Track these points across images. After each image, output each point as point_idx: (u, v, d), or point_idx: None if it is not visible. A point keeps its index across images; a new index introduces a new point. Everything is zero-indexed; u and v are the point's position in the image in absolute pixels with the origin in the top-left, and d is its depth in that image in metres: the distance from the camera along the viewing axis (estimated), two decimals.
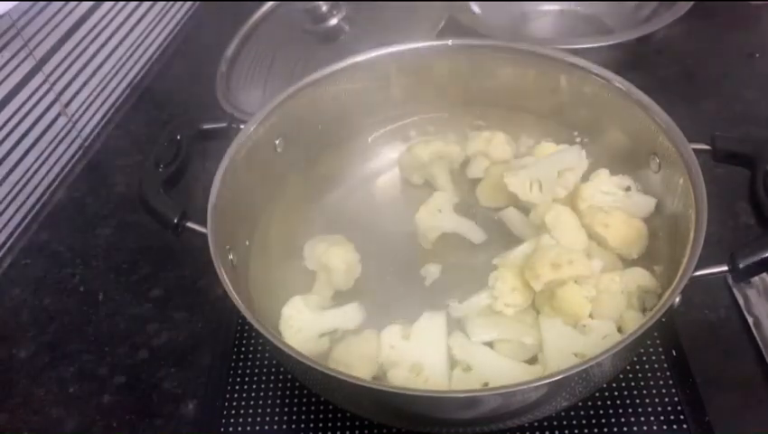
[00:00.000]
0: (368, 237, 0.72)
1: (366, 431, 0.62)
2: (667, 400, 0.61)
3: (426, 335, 0.60)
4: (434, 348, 0.59)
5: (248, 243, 0.69)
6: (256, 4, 1.00)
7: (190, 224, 0.61)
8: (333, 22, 0.89)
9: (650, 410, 0.60)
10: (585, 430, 0.60)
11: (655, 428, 0.59)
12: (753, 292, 0.67)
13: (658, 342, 0.65)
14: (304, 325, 0.63)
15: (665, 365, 0.63)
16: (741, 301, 0.67)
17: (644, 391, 0.62)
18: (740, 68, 0.94)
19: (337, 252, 0.67)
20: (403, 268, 0.70)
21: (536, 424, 0.60)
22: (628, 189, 0.69)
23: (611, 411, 0.61)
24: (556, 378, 0.47)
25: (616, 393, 0.62)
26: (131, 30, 1.05)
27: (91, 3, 0.96)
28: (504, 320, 0.60)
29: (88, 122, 0.97)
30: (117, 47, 1.02)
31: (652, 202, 0.67)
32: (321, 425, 0.63)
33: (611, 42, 0.86)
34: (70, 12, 0.92)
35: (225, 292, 0.55)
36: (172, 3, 1.16)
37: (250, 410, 0.64)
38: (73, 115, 0.94)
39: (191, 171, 0.67)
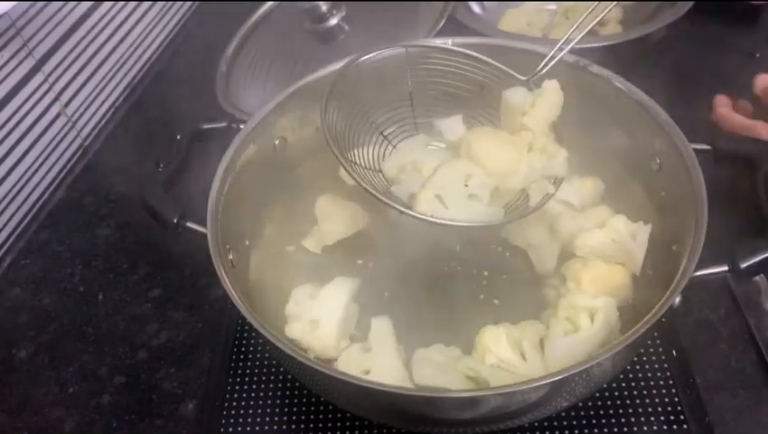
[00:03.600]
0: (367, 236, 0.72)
1: (366, 431, 0.62)
2: (667, 400, 0.61)
3: (330, 299, 0.62)
4: (332, 312, 0.61)
5: (247, 243, 0.69)
6: (256, 4, 1.00)
7: (190, 224, 0.61)
8: (333, 22, 0.89)
9: (650, 410, 0.60)
10: (585, 430, 0.60)
11: (655, 428, 0.59)
12: (753, 292, 0.67)
13: (658, 342, 0.65)
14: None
15: (665, 365, 0.63)
16: (741, 301, 0.67)
17: (644, 391, 0.62)
18: (740, 68, 0.94)
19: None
20: (403, 265, 0.70)
21: (536, 424, 0.60)
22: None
23: (611, 411, 0.61)
24: (556, 378, 0.48)
25: (616, 393, 0.62)
26: (131, 30, 1.05)
27: (91, 3, 0.96)
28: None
29: (87, 122, 0.97)
30: (116, 47, 1.02)
31: (640, 259, 0.62)
32: (321, 425, 0.63)
33: (611, 42, 0.86)
34: (70, 12, 0.92)
35: (225, 292, 0.55)
36: (171, 3, 1.16)
37: (250, 411, 0.64)
38: (73, 115, 0.94)
39: (191, 171, 0.67)
